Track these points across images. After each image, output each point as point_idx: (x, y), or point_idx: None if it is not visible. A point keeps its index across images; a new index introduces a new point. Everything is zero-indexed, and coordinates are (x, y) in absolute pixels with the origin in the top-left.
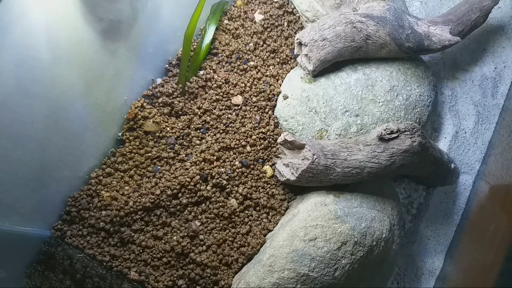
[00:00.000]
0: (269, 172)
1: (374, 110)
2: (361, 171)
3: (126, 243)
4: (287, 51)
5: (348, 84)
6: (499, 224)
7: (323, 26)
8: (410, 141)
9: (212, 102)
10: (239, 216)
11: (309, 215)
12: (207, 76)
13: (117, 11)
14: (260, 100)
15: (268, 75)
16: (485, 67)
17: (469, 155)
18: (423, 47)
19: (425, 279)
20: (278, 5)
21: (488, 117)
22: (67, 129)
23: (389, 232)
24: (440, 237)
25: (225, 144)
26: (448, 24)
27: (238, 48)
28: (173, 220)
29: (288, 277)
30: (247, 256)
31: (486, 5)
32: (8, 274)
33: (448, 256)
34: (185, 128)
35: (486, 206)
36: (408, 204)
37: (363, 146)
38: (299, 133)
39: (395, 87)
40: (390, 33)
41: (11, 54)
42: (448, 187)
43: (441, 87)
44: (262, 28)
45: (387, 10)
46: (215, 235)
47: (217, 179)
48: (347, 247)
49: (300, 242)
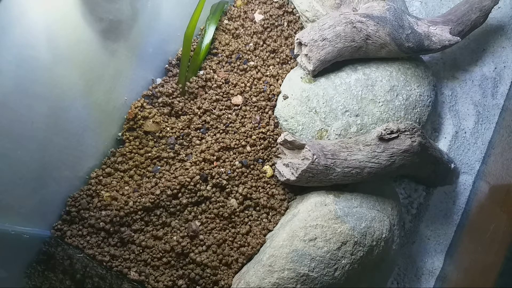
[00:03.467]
0: (269, 172)
1: (374, 110)
2: (361, 171)
3: (126, 243)
4: (287, 51)
5: (348, 84)
6: (499, 224)
7: (323, 26)
8: (410, 141)
9: (212, 102)
10: (239, 216)
11: (309, 215)
12: (207, 76)
13: (117, 11)
14: (260, 100)
15: (268, 75)
16: (485, 67)
17: (469, 155)
18: (423, 47)
19: (425, 279)
20: (278, 5)
21: (488, 117)
22: (67, 129)
23: (389, 232)
24: (440, 237)
25: (225, 144)
26: (448, 24)
27: (238, 48)
28: (173, 220)
29: (288, 277)
30: (247, 256)
31: (486, 5)
32: (8, 274)
33: (448, 256)
34: (185, 128)
35: (486, 206)
36: (408, 204)
37: (363, 146)
38: (299, 133)
39: (395, 87)
40: (390, 33)
41: (11, 54)
42: (448, 187)
43: (441, 87)
44: (262, 28)
45: (387, 10)
46: (215, 235)
47: (217, 179)
48: (347, 247)
49: (300, 242)
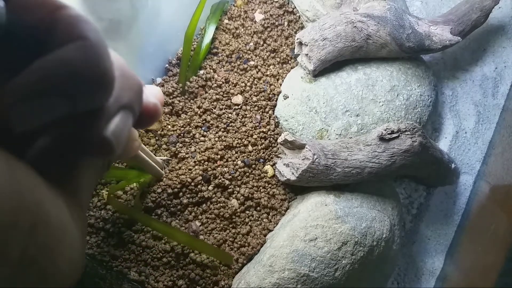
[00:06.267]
0: (270, 172)
1: (374, 110)
2: (362, 171)
3: (126, 243)
4: (287, 51)
5: (349, 84)
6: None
7: (324, 26)
8: (410, 141)
9: (212, 102)
10: (239, 216)
11: (309, 215)
12: (207, 75)
13: (117, 11)
14: (260, 99)
15: (269, 75)
16: (486, 67)
17: (469, 155)
18: (424, 47)
19: (425, 279)
20: (278, 5)
21: (488, 117)
22: None
23: (389, 232)
24: (440, 237)
25: (227, 143)
26: (448, 24)
27: (238, 48)
28: (174, 220)
29: (288, 277)
30: (247, 256)
31: (487, 5)
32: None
33: (448, 257)
34: (185, 126)
35: (486, 206)
36: (409, 204)
37: (363, 146)
38: (300, 133)
39: (395, 87)
40: (390, 33)
41: None
42: (448, 187)
43: (442, 87)
44: (262, 27)
45: (388, 9)
46: (215, 235)
47: (219, 179)
48: (347, 247)
49: (301, 242)
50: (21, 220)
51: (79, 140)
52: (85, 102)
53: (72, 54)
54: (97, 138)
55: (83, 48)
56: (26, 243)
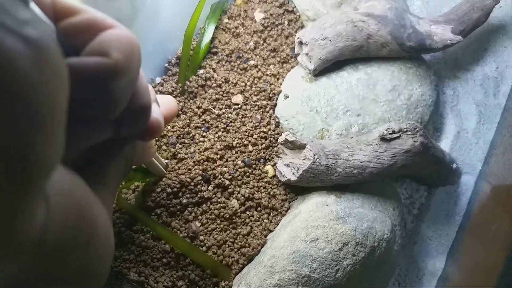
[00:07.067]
0: (270, 172)
1: (375, 109)
2: (363, 171)
3: (125, 243)
4: (287, 50)
5: (350, 83)
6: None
7: (324, 25)
8: (412, 141)
9: (212, 101)
10: (240, 217)
11: (310, 215)
12: (207, 75)
13: (117, 10)
14: (260, 99)
15: (269, 74)
16: (487, 67)
17: (471, 155)
18: (425, 46)
19: (427, 280)
20: (278, 4)
21: (490, 117)
22: None
23: (390, 233)
24: (441, 238)
25: (227, 143)
26: (449, 23)
27: (238, 47)
28: (173, 220)
29: (289, 278)
30: (247, 257)
31: (488, 4)
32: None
33: (450, 257)
34: (185, 127)
35: (488, 206)
36: (410, 204)
37: (364, 146)
38: (300, 133)
39: (396, 87)
40: (391, 32)
41: None
42: (449, 188)
43: (443, 86)
44: (262, 27)
45: (389, 9)
46: (215, 236)
47: (219, 179)
48: (348, 248)
49: (301, 242)
50: (80, 236)
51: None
52: (127, 128)
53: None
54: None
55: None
56: (82, 257)
